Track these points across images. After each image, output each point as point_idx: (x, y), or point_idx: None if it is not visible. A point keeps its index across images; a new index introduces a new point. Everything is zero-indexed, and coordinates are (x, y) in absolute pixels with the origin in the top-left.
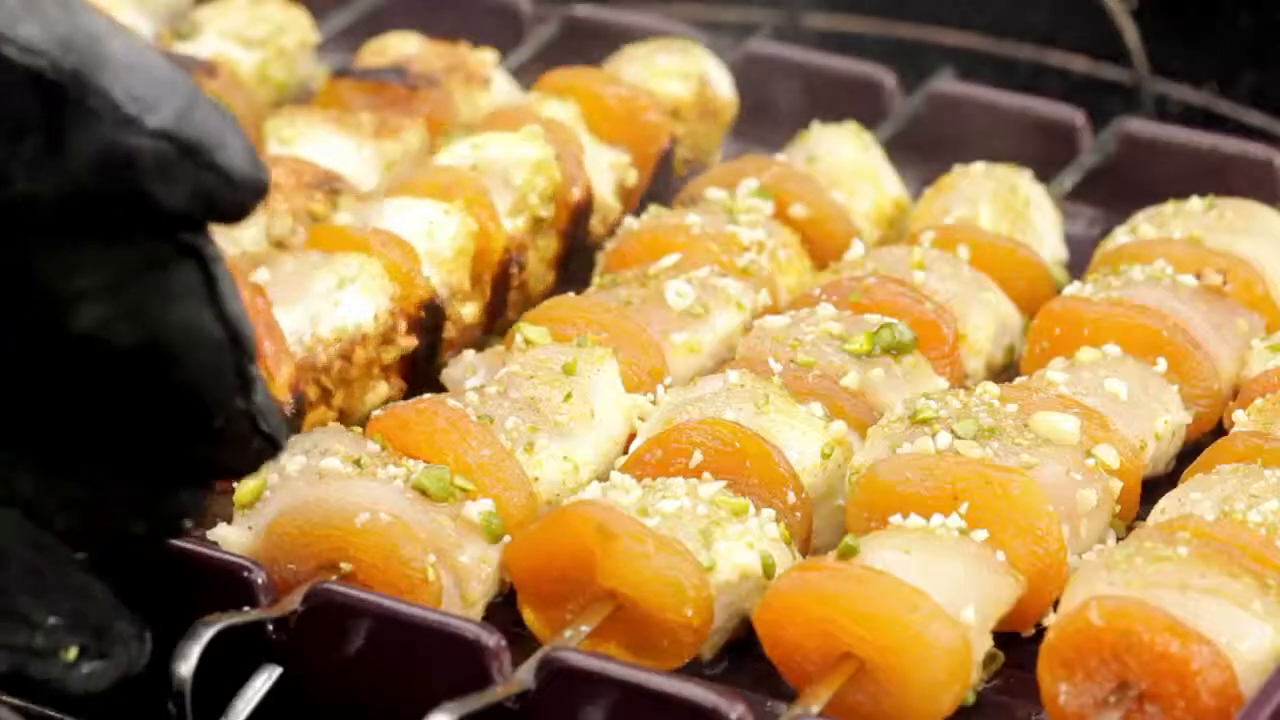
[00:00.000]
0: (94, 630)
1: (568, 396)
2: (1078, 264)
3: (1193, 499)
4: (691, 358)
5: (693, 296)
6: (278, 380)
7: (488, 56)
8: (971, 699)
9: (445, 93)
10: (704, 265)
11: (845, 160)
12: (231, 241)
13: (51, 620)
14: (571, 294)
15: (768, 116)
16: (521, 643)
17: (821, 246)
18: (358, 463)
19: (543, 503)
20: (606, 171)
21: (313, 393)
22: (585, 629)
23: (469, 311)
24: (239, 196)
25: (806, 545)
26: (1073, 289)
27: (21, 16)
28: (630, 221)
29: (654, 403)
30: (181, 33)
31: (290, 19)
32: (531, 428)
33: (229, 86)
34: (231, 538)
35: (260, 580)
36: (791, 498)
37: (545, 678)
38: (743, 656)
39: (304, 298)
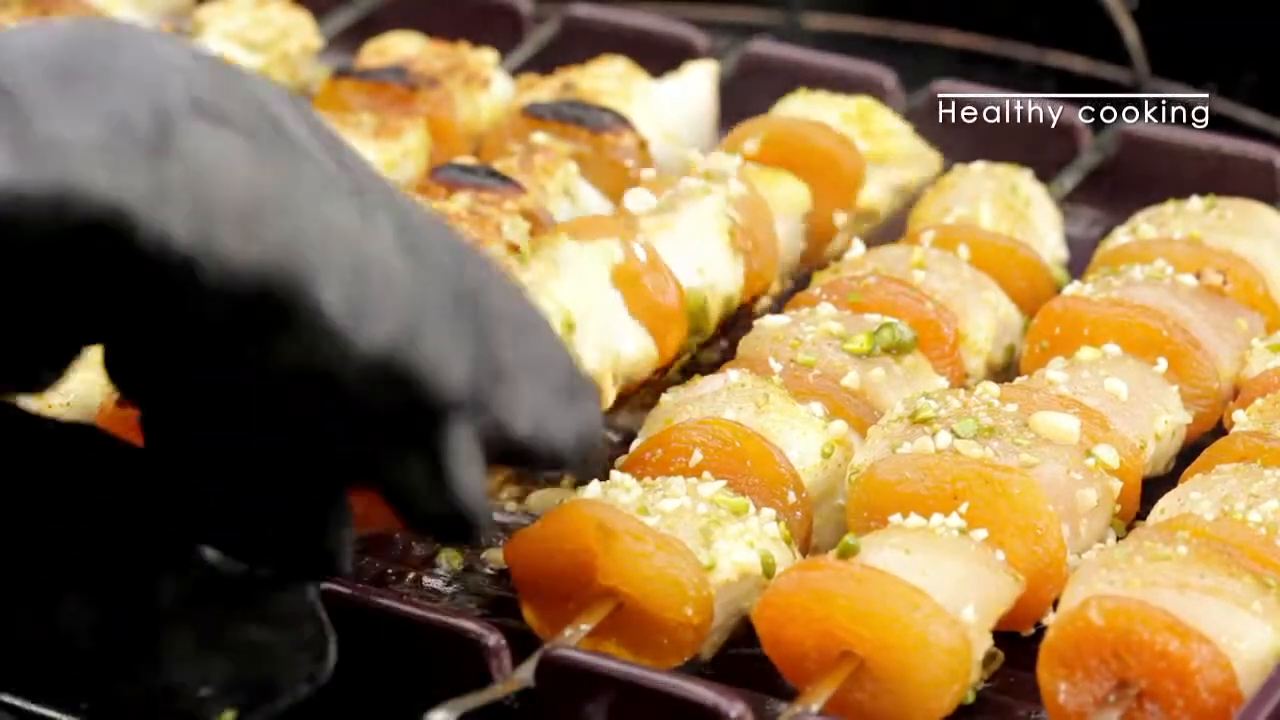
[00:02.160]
0: (254, 686)
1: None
2: (1078, 264)
3: (1193, 499)
4: None
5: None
6: None
7: (488, 56)
8: (971, 698)
9: (445, 93)
10: None
11: None
12: None
13: (204, 691)
14: None
15: None
16: (521, 641)
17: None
18: None
19: None
20: None
21: None
22: (585, 628)
23: None
24: (445, 422)
25: (806, 545)
26: (1073, 289)
27: (236, 236)
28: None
29: None
30: (184, 33)
31: (294, 23)
32: None
33: None
34: None
35: None
36: (791, 497)
37: (545, 676)
38: (743, 656)
39: None
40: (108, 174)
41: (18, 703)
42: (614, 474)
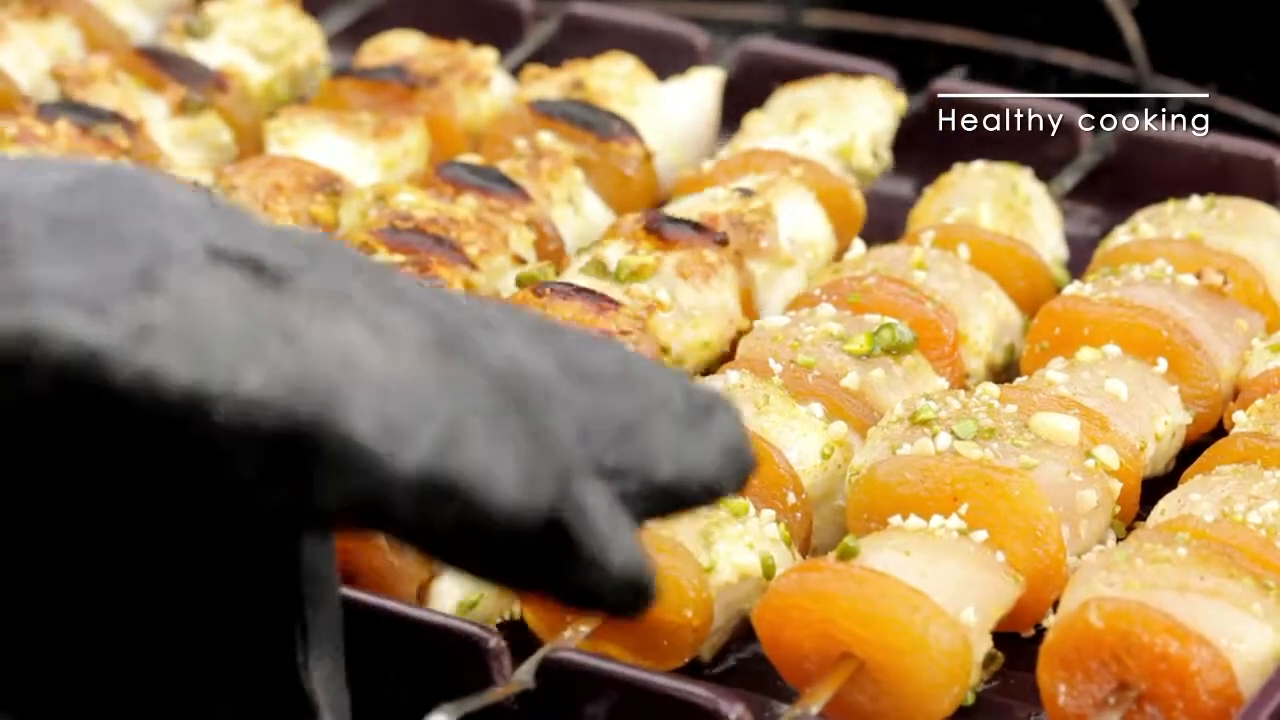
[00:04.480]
0: None
1: None
2: (1078, 264)
3: (1192, 500)
4: None
5: None
6: None
7: (488, 56)
8: (971, 699)
9: (445, 93)
10: None
11: None
12: None
13: None
14: None
15: None
16: (522, 643)
17: None
18: None
19: None
20: None
21: None
22: (585, 629)
23: None
24: (503, 536)
25: (806, 546)
26: (1073, 289)
27: (241, 366)
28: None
29: None
30: (194, 31)
31: (302, 32)
32: None
33: (238, 101)
34: None
35: None
36: (791, 498)
37: (545, 678)
38: (743, 656)
39: None
40: (81, 317)
41: None
42: None
